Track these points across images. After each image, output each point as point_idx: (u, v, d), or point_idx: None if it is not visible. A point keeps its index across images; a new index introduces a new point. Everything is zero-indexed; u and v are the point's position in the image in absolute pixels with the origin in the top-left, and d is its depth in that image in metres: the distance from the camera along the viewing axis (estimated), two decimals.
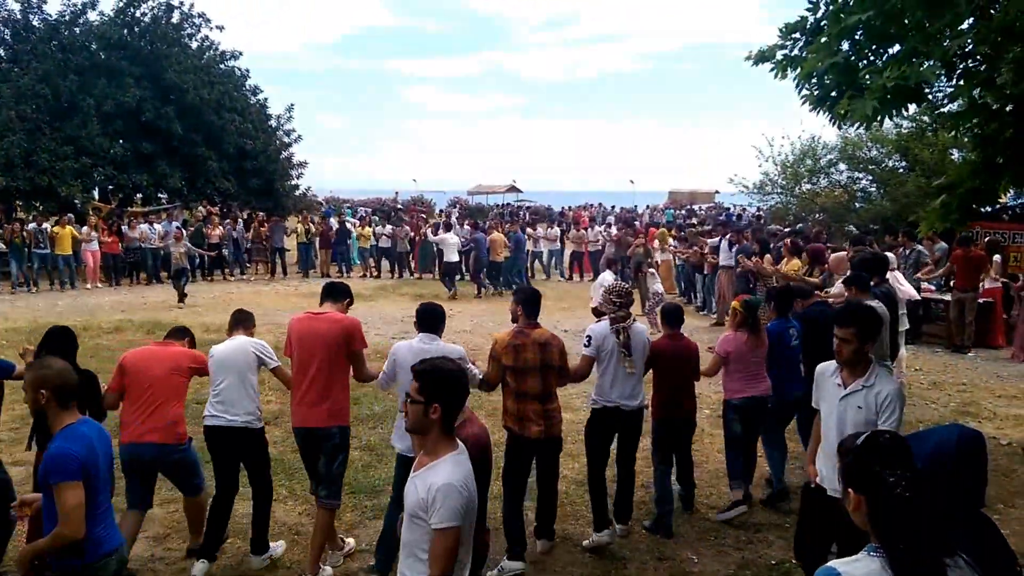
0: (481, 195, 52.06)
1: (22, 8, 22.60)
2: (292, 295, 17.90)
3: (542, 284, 20.32)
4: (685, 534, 5.80)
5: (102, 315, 14.55)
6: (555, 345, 5.15)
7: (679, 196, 49.67)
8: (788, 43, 6.39)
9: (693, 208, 42.95)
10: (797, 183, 23.71)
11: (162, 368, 5.03)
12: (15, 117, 20.07)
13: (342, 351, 4.99)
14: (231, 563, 5.33)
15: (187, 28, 25.26)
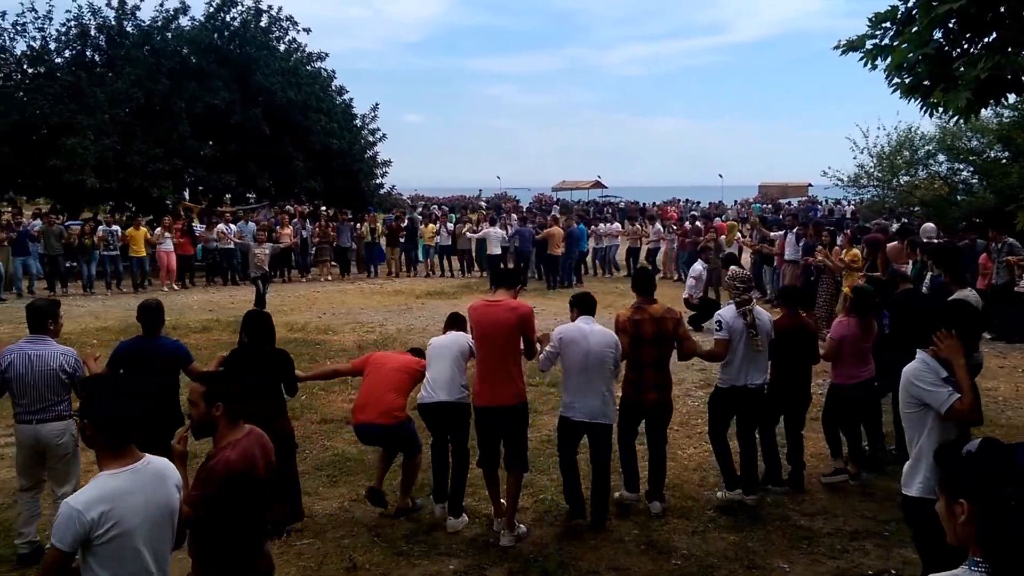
0: (565, 191, 51.72)
1: (116, 15, 23.12)
2: (376, 293, 17.74)
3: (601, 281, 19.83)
4: (776, 541, 5.51)
5: (191, 315, 14.58)
6: (670, 318, 5.79)
7: (770, 190, 48.41)
8: (878, 32, 6.27)
9: (780, 202, 41.79)
10: (894, 175, 22.65)
11: (395, 364, 5.89)
12: (109, 120, 20.48)
13: (518, 335, 5.41)
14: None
15: (275, 31, 25.54)
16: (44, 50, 22.77)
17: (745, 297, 5.95)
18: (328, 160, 24.68)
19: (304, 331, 13.03)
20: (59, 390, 5.02)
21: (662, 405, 5.84)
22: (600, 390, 5.48)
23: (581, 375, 5.46)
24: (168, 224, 18.50)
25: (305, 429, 7.82)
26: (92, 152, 19.75)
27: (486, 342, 5.41)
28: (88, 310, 15.10)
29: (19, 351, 5.01)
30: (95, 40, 23.29)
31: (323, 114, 24.65)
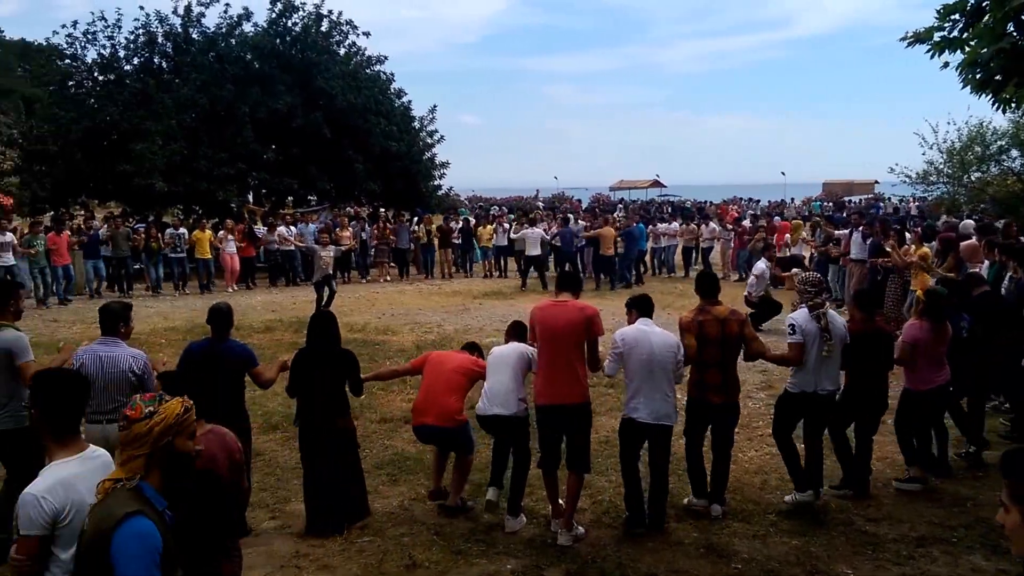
0: (623, 191, 51.45)
1: (183, 22, 23.72)
2: (435, 294, 17.86)
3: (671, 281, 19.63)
4: (839, 546, 5.41)
5: (254, 315, 14.87)
6: (735, 319, 5.77)
7: (834, 187, 47.45)
8: (946, 24, 6.07)
9: (843, 200, 40.97)
10: (965, 172, 22.00)
11: (453, 365, 5.93)
12: (176, 126, 21.03)
13: (584, 335, 5.44)
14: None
15: (335, 36, 25.84)
16: (114, 58, 23.51)
17: (818, 300, 5.87)
18: (387, 162, 24.90)
19: (364, 331, 13.19)
20: (128, 391, 5.08)
21: (728, 408, 5.80)
22: (664, 391, 5.48)
23: (645, 377, 5.46)
24: (231, 227, 18.95)
25: (365, 428, 7.92)
26: (160, 157, 20.30)
27: (552, 341, 5.43)
28: (156, 311, 15.51)
29: (91, 353, 5.12)
30: (162, 47, 23.93)
31: (382, 117, 24.88)
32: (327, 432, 5.54)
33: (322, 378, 5.55)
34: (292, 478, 6.56)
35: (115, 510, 2.55)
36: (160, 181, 20.30)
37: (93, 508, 2.65)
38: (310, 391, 5.58)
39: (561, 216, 24.75)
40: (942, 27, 6.07)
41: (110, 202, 25.17)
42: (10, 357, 5.12)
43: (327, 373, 5.54)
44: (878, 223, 14.07)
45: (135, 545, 2.49)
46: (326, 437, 5.53)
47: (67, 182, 21.80)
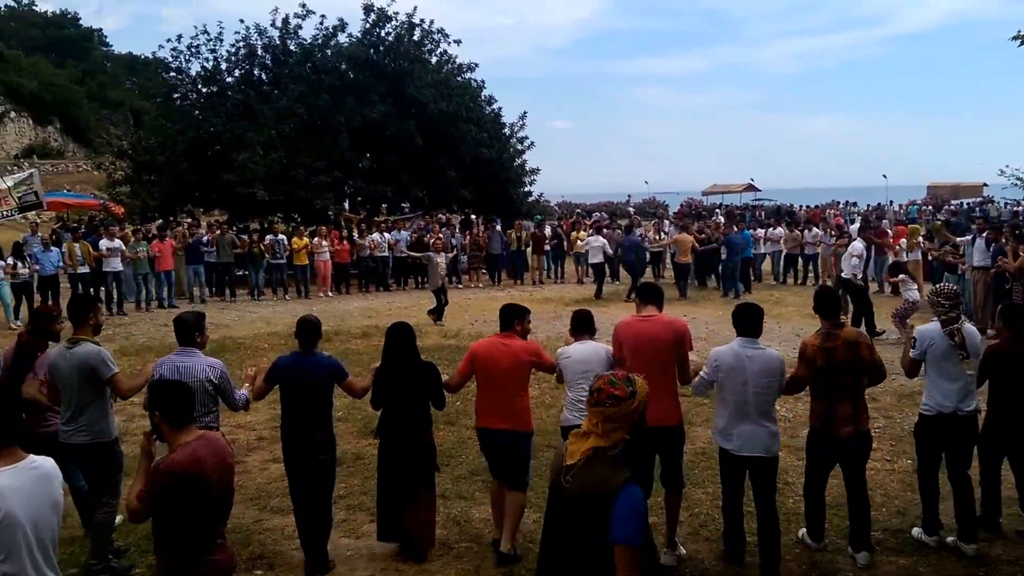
0: (716, 195, 50.56)
1: (280, 34, 24.47)
2: (526, 301, 17.77)
3: (766, 289, 19.19)
4: (949, 567, 5.20)
5: (351, 321, 15.19)
6: (864, 343, 5.21)
7: (940, 190, 45.41)
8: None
9: (944, 204, 39.39)
10: None
11: (505, 365, 5.40)
12: (275, 136, 21.68)
13: (674, 352, 5.19)
14: None
15: (427, 44, 26.15)
16: (216, 70, 24.49)
17: (952, 315, 5.41)
18: (478, 169, 25.09)
19: (457, 338, 13.30)
20: (206, 401, 5.06)
21: (859, 440, 5.19)
22: (761, 421, 5.03)
23: (739, 405, 5.03)
24: (324, 233, 19.43)
25: (459, 435, 7.98)
26: (261, 166, 20.98)
27: (640, 359, 5.09)
28: (259, 315, 16.02)
29: (169, 363, 5.11)
30: (261, 59, 24.78)
31: (473, 124, 25.05)
32: (406, 446, 5.36)
33: (404, 391, 5.37)
34: None
35: (610, 476, 2.85)
36: (261, 190, 20.98)
37: (578, 471, 2.89)
38: (392, 404, 5.41)
39: (625, 224, 24.57)
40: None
41: (214, 210, 26.10)
42: (93, 371, 5.15)
43: (408, 386, 5.36)
44: (1010, 228, 13.60)
45: (633, 508, 2.79)
46: (405, 452, 5.35)
47: (174, 191, 22.75)
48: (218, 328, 14.52)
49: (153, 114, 24.82)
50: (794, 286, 19.74)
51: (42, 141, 56.57)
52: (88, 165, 48.22)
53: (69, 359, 5.16)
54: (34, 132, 56.43)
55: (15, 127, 54.74)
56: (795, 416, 8.45)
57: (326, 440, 5.35)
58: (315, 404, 5.29)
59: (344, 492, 6.56)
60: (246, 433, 8.30)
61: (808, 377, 5.22)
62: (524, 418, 5.45)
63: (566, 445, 3.02)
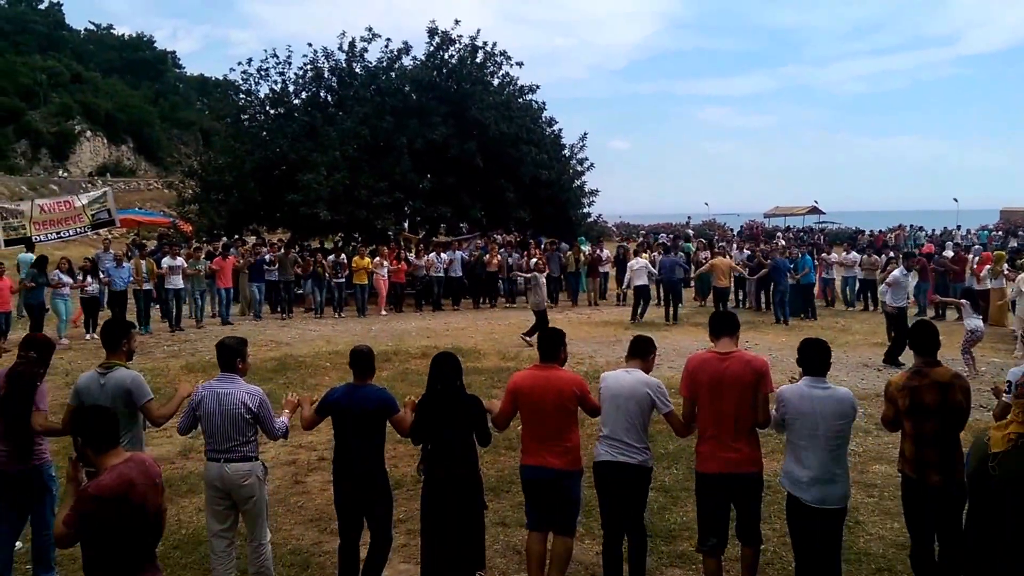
0: (779, 217, 49.87)
1: (347, 57, 24.95)
2: (584, 324, 17.80)
3: (832, 316, 18.78)
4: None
5: (410, 340, 15.27)
6: (959, 386, 4.71)
7: (1014, 215, 44.05)
8: None
9: (1017, 229, 38.19)
10: None
11: (552, 400, 5.08)
12: (339, 157, 22.04)
13: (753, 393, 4.82)
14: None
15: (489, 67, 26.32)
16: (284, 92, 25.06)
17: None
18: (537, 190, 25.14)
19: (516, 360, 13.25)
20: (244, 430, 5.01)
21: (950, 488, 4.67)
22: (832, 469, 4.62)
23: (808, 452, 4.64)
24: (384, 253, 19.71)
25: (514, 462, 7.85)
26: (325, 187, 21.32)
27: (718, 401, 4.84)
28: (319, 334, 16.23)
29: (210, 389, 5.05)
30: (328, 82, 25.25)
31: (533, 145, 25.13)
32: (451, 482, 5.01)
33: (446, 426, 5.05)
34: None
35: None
36: (324, 210, 21.31)
37: (1004, 457, 2.99)
38: (434, 440, 5.08)
39: (662, 244, 24.30)
40: None
41: (278, 229, 26.61)
42: (129, 396, 5.08)
43: (452, 421, 5.05)
44: None
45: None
46: (450, 488, 5.01)
47: (241, 210, 23.24)
48: (279, 346, 14.77)
49: (222, 135, 25.45)
50: (861, 312, 19.27)
51: (115, 160, 58.61)
52: (159, 183, 49.78)
53: (103, 384, 5.07)
54: (108, 151, 58.52)
55: (90, 146, 56.83)
56: (864, 451, 8.20)
57: (368, 476, 5.14)
58: (365, 437, 5.13)
59: (404, 516, 6.55)
60: (307, 453, 8.39)
61: (893, 417, 4.92)
62: (574, 455, 5.10)
63: (988, 434, 2.94)
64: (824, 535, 4.70)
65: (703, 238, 29.11)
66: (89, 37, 73.76)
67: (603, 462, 5.04)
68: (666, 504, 6.80)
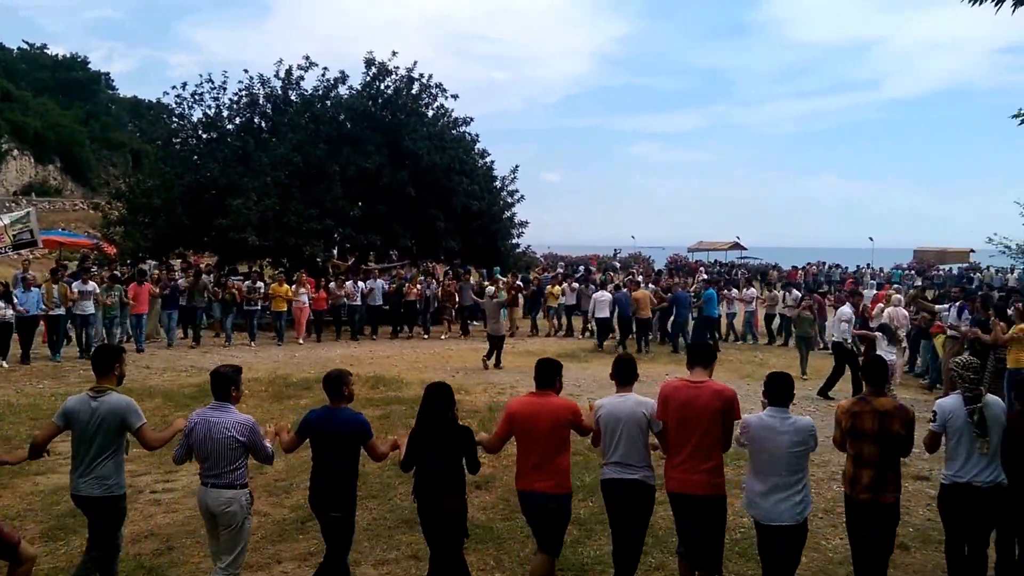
0: (702, 252, 51.08)
1: (283, 84, 25.02)
2: (508, 353, 17.88)
3: (750, 350, 19.29)
4: None
5: (333, 368, 15.21)
6: (898, 416, 5.20)
7: (926, 255, 46.09)
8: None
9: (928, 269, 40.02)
10: None
11: (547, 425, 5.28)
12: (270, 183, 22.01)
13: (721, 421, 5.13)
14: None
15: (425, 98, 26.63)
16: (217, 117, 25.00)
17: (977, 392, 5.43)
18: (468, 221, 25.41)
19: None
20: (233, 457, 5.09)
21: (881, 507, 5.22)
22: (786, 492, 4.99)
23: (766, 475, 5.04)
24: (303, 280, 19.61)
25: None
26: (254, 212, 21.27)
27: (686, 426, 5.14)
28: (241, 361, 16.00)
29: (202, 417, 5.15)
30: (262, 108, 25.30)
31: (465, 176, 25.43)
32: (437, 511, 5.14)
33: (438, 455, 5.17)
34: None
35: None
36: (253, 235, 21.22)
37: None
38: (425, 468, 5.19)
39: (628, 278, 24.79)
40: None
41: (206, 253, 26.32)
42: (123, 421, 5.15)
43: (443, 450, 5.17)
44: (979, 298, 13.80)
45: None
46: (435, 516, 5.15)
47: (167, 234, 22.96)
48: (200, 372, 14.64)
49: (152, 157, 25.14)
50: (776, 347, 19.88)
51: (41, 179, 57.17)
52: (85, 204, 48.66)
53: (95, 408, 5.11)
54: (35, 170, 57.05)
55: (16, 165, 55.34)
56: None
57: (343, 496, 5.30)
58: (342, 457, 5.28)
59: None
60: None
61: (840, 439, 5.40)
62: (563, 479, 5.31)
63: None
64: (784, 552, 5.07)
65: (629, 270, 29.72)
66: (22, 56, 72.01)
67: (610, 480, 5.34)
68: (580, 537, 6.77)
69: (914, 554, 6.46)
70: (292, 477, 8.27)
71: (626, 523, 5.32)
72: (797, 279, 27.30)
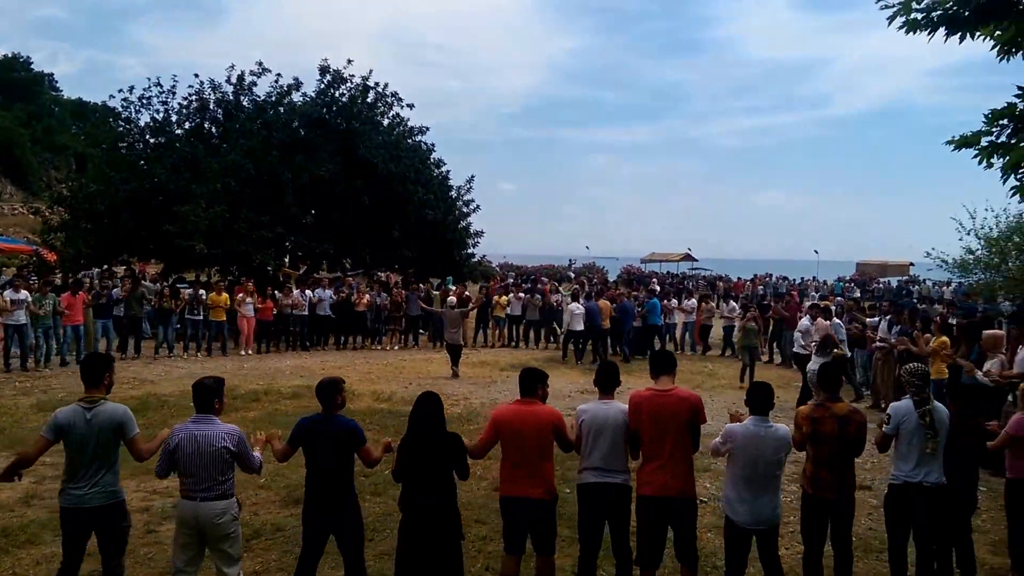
0: (655, 263, 51.63)
1: (235, 90, 24.55)
2: (461, 364, 17.76)
3: (701, 361, 19.43)
4: None
5: (283, 380, 14.90)
6: (855, 420, 5.56)
7: (868, 268, 47.35)
8: (995, 130, 6.18)
9: (869, 281, 41.08)
10: (1004, 260, 21.80)
11: (533, 431, 5.41)
12: (220, 189, 21.51)
13: (689, 426, 5.41)
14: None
15: (380, 107, 26.47)
16: (166, 122, 24.42)
17: (924, 395, 5.72)
18: (423, 229, 25.19)
19: (390, 402, 13.12)
20: (224, 469, 5.09)
21: (840, 504, 5.58)
22: (767, 496, 5.34)
23: (749, 481, 5.33)
24: (249, 289, 19.03)
25: (386, 506, 7.71)
26: (203, 219, 20.74)
27: (659, 433, 5.38)
28: (187, 372, 15.64)
29: (187, 432, 5.08)
30: (213, 113, 24.79)
31: (420, 185, 25.25)
32: (431, 518, 5.13)
33: (428, 463, 5.21)
34: None
35: None
36: (201, 243, 20.69)
37: None
38: (416, 476, 5.22)
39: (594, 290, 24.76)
40: (989, 132, 6.19)
41: (152, 260, 25.65)
42: (120, 429, 5.11)
43: (434, 458, 5.23)
44: (907, 311, 14.33)
45: None
46: (430, 523, 5.13)
47: (111, 241, 22.29)
48: (143, 384, 14.19)
49: (97, 161, 24.38)
50: (726, 358, 19.95)
51: None
52: (25, 209, 47.20)
53: (91, 418, 5.04)
54: None
55: None
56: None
57: (347, 501, 5.36)
58: (337, 464, 5.33)
59: (260, 568, 6.33)
60: (162, 500, 8.04)
61: (800, 441, 5.66)
62: (550, 485, 5.45)
63: None
64: (764, 554, 5.42)
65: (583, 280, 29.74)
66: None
67: (592, 484, 5.49)
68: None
69: (856, 563, 6.45)
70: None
71: (603, 526, 5.51)
72: (742, 291, 27.63)
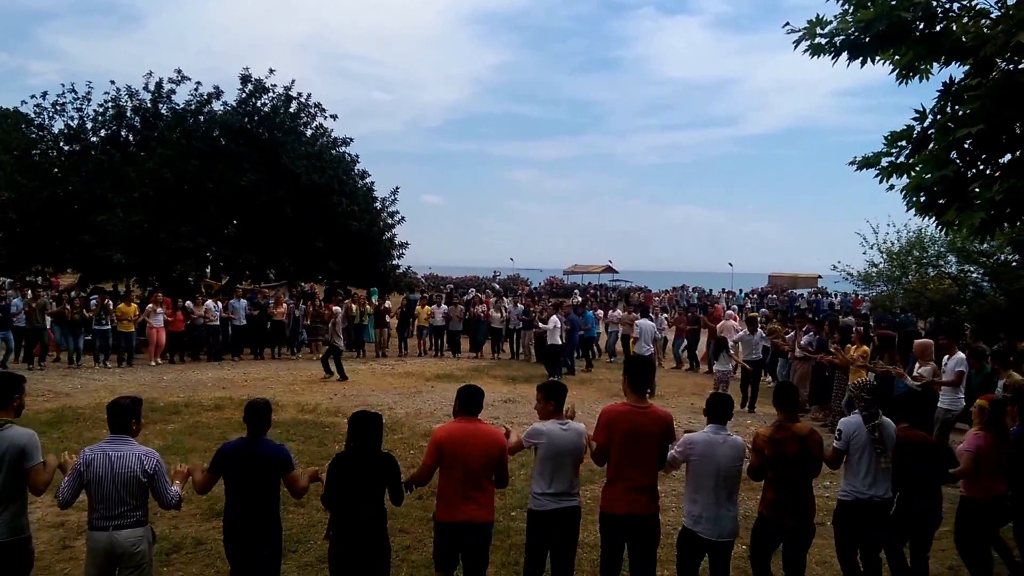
0: (577, 275, 52.42)
1: (152, 98, 24.15)
2: (387, 375, 17.91)
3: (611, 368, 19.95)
4: None
5: (204, 392, 14.79)
6: (814, 439, 5.49)
7: (780, 280, 49.20)
8: (894, 151, 6.46)
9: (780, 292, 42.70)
10: (904, 273, 23.02)
11: (479, 453, 5.18)
12: (139, 199, 21.12)
13: (660, 444, 5.35)
14: None
15: (303, 117, 26.26)
16: (81, 129, 23.80)
17: (873, 411, 5.73)
18: (347, 241, 25.12)
19: (315, 413, 13.16)
20: (138, 494, 4.79)
21: (802, 530, 5.48)
22: (728, 507, 5.32)
23: (711, 491, 5.30)
24: (159, 300, 18.87)
25: (310, 517, 7.86)
26: (121, 229, 20.36)
27: (633, 450, 5.27)
28: (104, 384, 15.40)
29: (100, 452, 4.78)
30: (130, 121, 24.27)
31: (345, 197, 25.14)
32: (361, 546, 4.91)
33: (361, 486, 4.95)
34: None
35: None
36: (119, 253, 20.30)
37: None
38: (348, 500, 4.94)
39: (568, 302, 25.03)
40: (889, 153, 6.47)
41: (67, 271, 25.00)
42: (22, 456, 4.72)
43: (367, 480, 4.95)
44: (826, 323, 15.25)
45: None
46: (360, 552, 4.91)
47: (24, 250, 21.68)
48: (58, 396, 13.94)
49: (8, 169, 23.64)
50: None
51: None
52: None
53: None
54: None
55: None
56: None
57: (270, 530, 5.08)
58: (262, 491, 5.02)
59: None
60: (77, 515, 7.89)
61: (759, 466, 5.57)
62: (491, 507, 5.30)
63: None
64: (715, 566, 5.40)
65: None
66: None
67: (552, 510, 5.32)
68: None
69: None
70: None
71: (559, 550, 5.39)
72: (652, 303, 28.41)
